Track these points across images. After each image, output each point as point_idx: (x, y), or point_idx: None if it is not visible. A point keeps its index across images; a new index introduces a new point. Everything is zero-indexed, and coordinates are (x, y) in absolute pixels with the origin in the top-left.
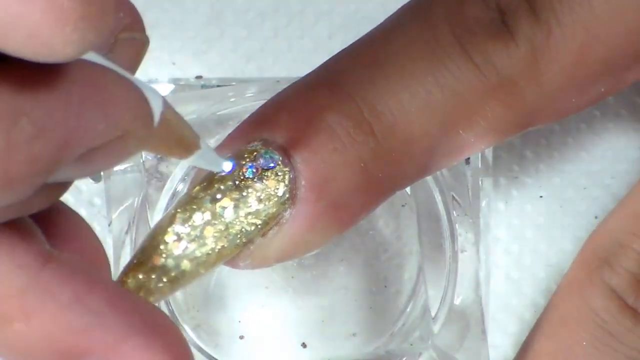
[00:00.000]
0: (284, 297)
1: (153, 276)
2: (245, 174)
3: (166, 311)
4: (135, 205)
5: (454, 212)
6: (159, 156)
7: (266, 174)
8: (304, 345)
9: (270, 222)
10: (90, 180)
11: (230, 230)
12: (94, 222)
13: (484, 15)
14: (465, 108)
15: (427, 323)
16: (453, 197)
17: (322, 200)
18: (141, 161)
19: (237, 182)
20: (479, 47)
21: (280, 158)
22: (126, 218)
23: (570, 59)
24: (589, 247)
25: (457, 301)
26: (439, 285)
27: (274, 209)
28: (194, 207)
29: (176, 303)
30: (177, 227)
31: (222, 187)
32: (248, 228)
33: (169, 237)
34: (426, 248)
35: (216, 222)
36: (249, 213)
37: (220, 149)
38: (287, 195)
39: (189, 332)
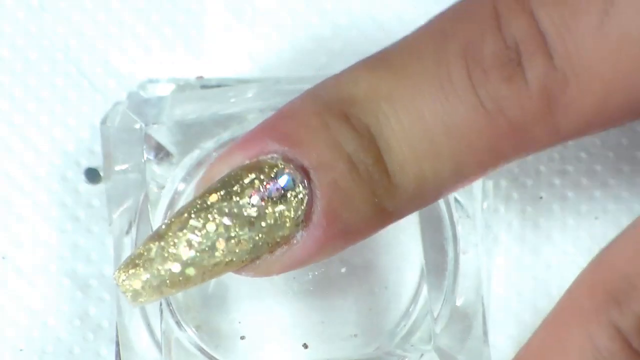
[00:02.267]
0: (285, 298)
1: (157, 276)
2: (266, 193)
3: (167, 311)
4: (136, 205)
5: (456, 214)
6: (159, 156)
7: (285, 195)
8: (305, 345)
9: (281, 242)
10: (89, 182)
11: (242, 246)
12: (92, 224)
13: (501, 54)
14: (476, 153)
15: (429, 324)
16: (455, 198)
17: (335, 227)
18: (142, 161)
19: (255, 199)
20: (491, 91)
21: (301, 179)
22: (127, 218)
23: (588, 109)
24: (598, 278)
25: (458, 302)
26: (441, 287)
27: (288, 231)
28: (209, 217)
29: (177, 303)
30: (189, 235)
31: (240, 201)
32: (260, 245)
33: (179, 242)
34: (428, 249)
35: (229, 236)
36: (263, 231)
37: (234, 150)
38: (302, 218)
39: (189, 333)
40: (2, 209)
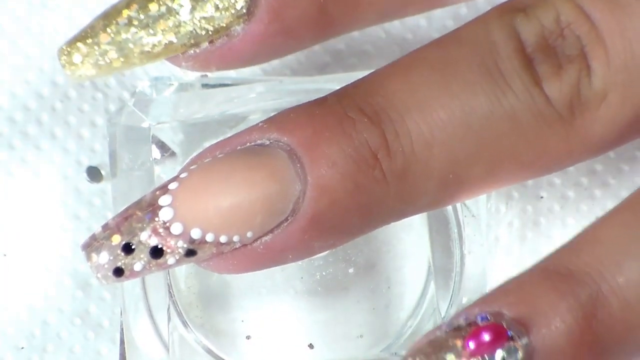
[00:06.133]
0: (287, 298)
1: (96, 50)
2: None
3: (174, 311)
4: None
5: (461, 214)
6: (165, 155)
7: None
8: (310, 346)
9: (220, 32)
10: (90, 181)
11: (181, 29)
12: (93, 223)
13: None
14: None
15: (436, 324)
16: None
17: (276, 24)
18: (150, 159)
19: None
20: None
21: None
22: None
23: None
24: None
25: (464, 301)
26: (448, 287)
27: (229, 21)
28: None
29: (181, 301)
30: (132, 13)
31: None
32: (199, 31)
33: (121, 20)
34: (436, 250)
35: (170, 17)
36: (204, 17)
37: None
38: (244, 11)
39: (194, 332)
40: (3, 207)
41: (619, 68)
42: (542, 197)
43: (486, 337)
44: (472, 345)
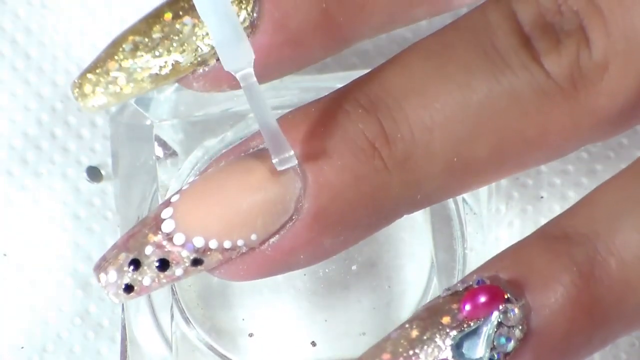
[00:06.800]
0: (288, 296)
1: (106, 79)
2: None
3: (177, 309)
4: (145, 203)
5: (464, 212)
6: (168, 153)
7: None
8: (313, 343)
9: None
10: (90, 181)
11: (186, 47)
12: (93, 223)
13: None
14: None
15: None
16: (463, 198)
17: (282, 34)
18: (152, 157)
19: None
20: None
21: None
22: (136, 215)
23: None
24: None
25: None
26: (450, 284)
27: None
28: (156, 21)
29: (184, 299)
30: (137, 38)
31: (186, 5)
32: (204, 48)
33: (127, 45)
34: (439, 248)
35: (174, 37)
36: (207, 34)
37: None
38: (247, 23)
39: (197, 329)
40: (3, 207)
41: (619, 37)
42: (542, 197)
43: (482, 299)
44: (468, 307)
